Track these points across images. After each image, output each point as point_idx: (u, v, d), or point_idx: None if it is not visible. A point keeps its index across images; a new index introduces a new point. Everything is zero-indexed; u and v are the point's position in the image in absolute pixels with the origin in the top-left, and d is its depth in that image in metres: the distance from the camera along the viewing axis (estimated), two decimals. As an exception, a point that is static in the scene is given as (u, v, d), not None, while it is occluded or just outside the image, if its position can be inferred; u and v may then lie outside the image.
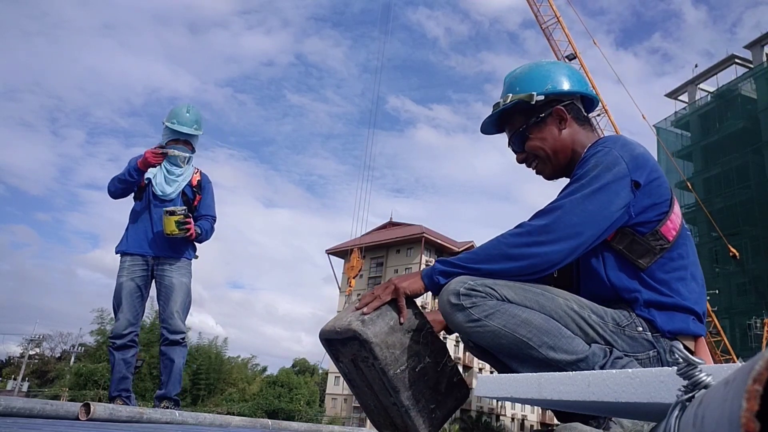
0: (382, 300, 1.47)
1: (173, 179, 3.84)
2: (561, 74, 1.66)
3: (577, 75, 1.70)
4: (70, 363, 42.45)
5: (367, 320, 1.42)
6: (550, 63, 1.71)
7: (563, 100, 1.63)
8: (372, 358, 1.41)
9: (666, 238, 1.46)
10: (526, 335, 1.32)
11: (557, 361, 1.31)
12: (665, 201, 1.48)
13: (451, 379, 1.52)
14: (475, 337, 1.37)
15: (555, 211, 1.42)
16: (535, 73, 1.66)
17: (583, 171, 1.46)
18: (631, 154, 1.47)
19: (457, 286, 1.36)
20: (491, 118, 1.71)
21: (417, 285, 1.47)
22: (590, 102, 1.71)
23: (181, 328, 3.67)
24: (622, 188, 1.42)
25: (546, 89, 1.62)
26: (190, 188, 3.91)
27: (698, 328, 1.46)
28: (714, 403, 0.39)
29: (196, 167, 4.01)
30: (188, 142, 3.87)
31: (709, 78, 36.11)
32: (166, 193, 3.79)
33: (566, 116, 1.62)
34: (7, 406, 2.04)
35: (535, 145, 1.64)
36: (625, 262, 1.46)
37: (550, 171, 1.67)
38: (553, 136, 1.62)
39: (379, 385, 1.47)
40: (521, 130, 1.66)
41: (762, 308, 26.62)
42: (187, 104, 3.98)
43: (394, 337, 1.43)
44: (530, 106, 1.62)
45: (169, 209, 3.62)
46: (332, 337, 1.50)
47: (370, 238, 58.97)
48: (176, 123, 3.82)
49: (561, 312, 1.36)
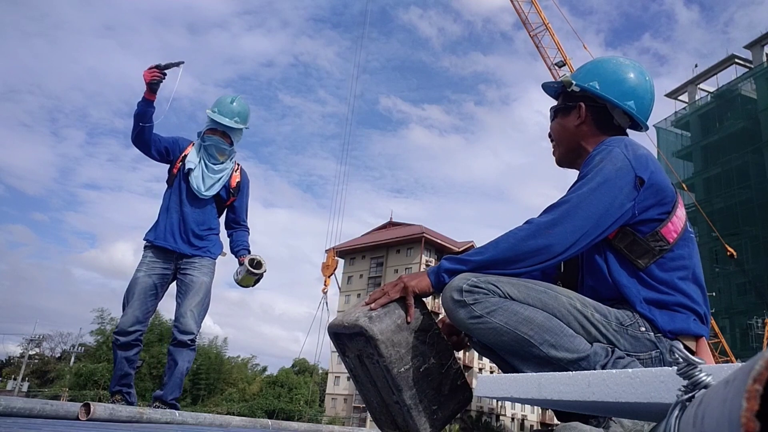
0: (390, 297, 1.47)
1: (211, 176, 3.58)
2: (615, 80, 1.65)
3: (637, 91, 1.65)
4: (70, 363, 42.49)
5: (375, 317, 1.42)
6: (621, 65, 1.69)
7: (597, 101, 1.66)
8: (377, 355, 1.41)
9: (666, 240, 1.47)
10: (528, 333, 1.33)
11: (558, 360, 1.32)
12: (669, 202, 1.49)
13: (455, 381, 1.52)
14: (476, 333, 1.37)
15: (562, 206, 1.44)
16: (594, 67, 1.71)
17: (588, 168, 1.49)
18: (635, 153, 1.49)
19: (459, 283, 1.36)
20: (550, 85, 1.82)
21: (425, 283, 1.47)
22: (635, 122, 1.69)
23: (192, 328, 3.40)
24: (626, 183, 1.44)
25: (586, 84, 1.66)
26: (226, 189, 3.67)
27: (700, 329, 1.46)
28: (714, 403, 0.38)
29: (236, 162, 3.75)
30: (227, 134, 3.61)
31: (709, 78, 36.13)
32: (201, 191, 3.54)
33: (584, 114, 1.66)
34: (7, 406, 2.04)
35: (553, 127, 1.77)
36: (625, 260, 1.48)
37: (557, 155, 1.77)
38: (567, 126, 1.70)
39: (382, 383, 1.47)
40: (554, 108, 1.76)
41: (762, 308, 26.62)
42: (235, 95, 3.70)
43: (400, 335, 1.43)
44: (567, 92, 1.70)
45: (254, 268, 3.50)
46: (340, 332, 1.50)
47: (370, 238, 58.99)
48: (217, 112, 3.58)
49: (564, 310, 1.36)
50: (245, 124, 3.67)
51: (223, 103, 3.61)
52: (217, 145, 3.57)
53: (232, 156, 3.69)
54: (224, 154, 3.62)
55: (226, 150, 3.61)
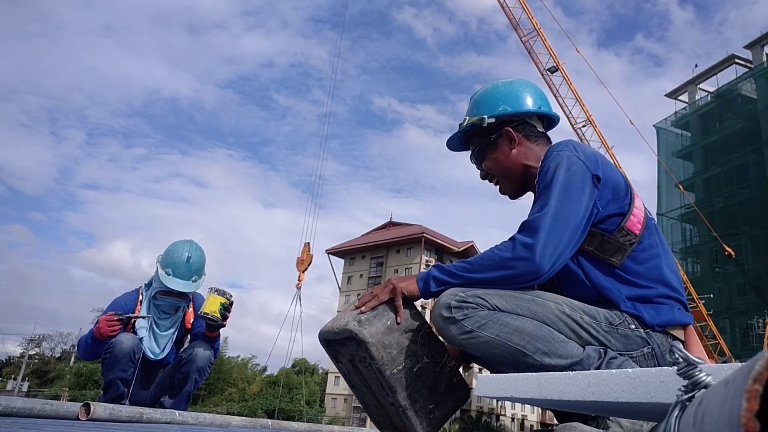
0: (380, 299, 1.47)
1: (163, 334, 3.21)
2: (515, 95, 1.70)
3: (534, 94, 1.73)
4: (70, 363, 42.45)
5: (364, 320, 1.42)
6: (506, 84, 1.75)
7: (515, 120, 1.68)
8: (369, 359, 1.41)
9: (633, 233, 1.49)
10: (520, 343, 1.33)
11: (552, 367, 1.32)
12: (625, 195, 1.51)
13: (451, 379, 1.52)
14: (469, 348, 1.38)
15: (540, 222, 1.42)
16: (489, 96, 1.73)
17: (545, 178, 1.50)
18: (584, 153, 1.52)
19: (448, 299, 1.37)
20: (456, 136, 1.79)
21: (414, 287, 1.49)
22: (550, 119, 1.75)
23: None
24: (586, 185, 1.46)
25: (497, 111, 1.68)
26: (181, 331, 3.32)
27: (685, 317, 1.47)
28: (714, 403, 0.38)
29: (189, 297, 3.31)
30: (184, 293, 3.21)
31: (709, 78, 36.12)
32: (157, 355, 3.18)
33: (515, 136, 1.67)
34: (7, 406, 2.04)
35: (488, 165, 1.74)
36: (598, 262, 1.48)
37: (509, 190, 1.75)
38: (504, 156, 1.69)
39: (377, 385, 1.47)
40: (477, 150, 1.74)
41: (762, 308, 26.61)
42: (189, 245, 3.28)
43: (390, 337, 1.43)
44: (483, 129, 1.69)
45: (217, 288, 3.04)
46: (331, 338, 1.50)
47: (370, 238, 58.96)
48: (172, 275, 3.16)
49: (553, 317, 1.37)
50: (203, 277, 3.29)
51: (178, 263, 3.18)
52: (173, 304, 3.25)
53: (183, 308, 3.33)
54: (179, 306, 3.29)
55: (182, 303, 3.28)
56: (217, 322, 3.01)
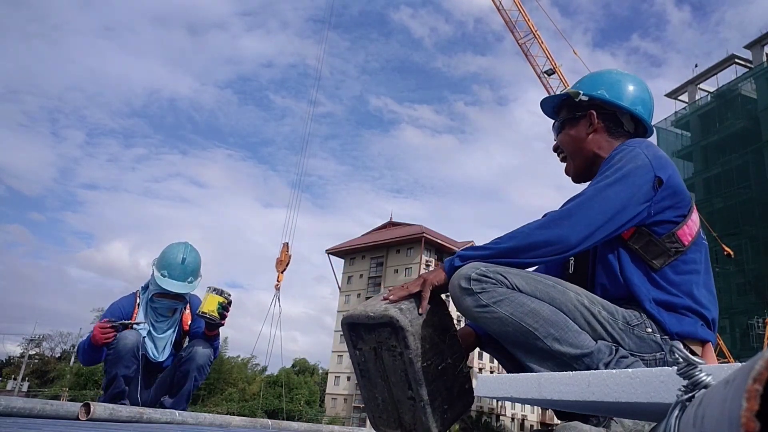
0: (409, 291, 1.46)
1: (161, 336, 3.24)
2: (617, 86, 1.69)
3: (638, 95, 1.69)
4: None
5: (405, 309, 1.42)
6: (620, 74, 1.74)
7: (606, 109, 1.67)
8: (402, 347, 1.41)
9: (681, 242, 1.47)
10: (533, 325, 1.32)
11: (562, 354, 1.32)
12: (685, 205, 1.50)
13: (463, 384, 1.53)
14: (481, 322, 1.37)
15: (577, 198, 1.45)
16: (598, 77, 1.73)
17: (608, 166, 1.50)
18: (655, 154, 1.50)
19: (468, 271, 1.36)
20: (550, 100, 1.80)
21: (441, 275, 1.47)
22: (643, 128, 1.72)
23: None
24: (644, 182, 1.44)
25: (593, 93, 1.68)
26: (179, 333, 3.34)
27: (706, 334, 1.46)
28: (714, 403, 0.38)
29: (186, 299, 3.33)
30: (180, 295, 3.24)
31: (709, 78, 36.11)
32: (157, 358, 3.22)
33: (596, 122, 1.67)
34: (7, 406, 2.04)
35: (562, 139, 1.75)
36: (639, 261, 1.48)
37: (572, 170, 1.74)
38: (579, 136, 1.70)
39: (398, 377, 1.46)
40: (560, 121, 1.75)
41: (762, 308, 26.59)
42: (184, 247, 3.30)
43: (425, 331, 1.44)
44: (574, 103, 1.70)
45: (215, 287, 3.07)
46: (360, 322, 1.47)
47: (370, 238, 58.96)
48: (167, 276, 3.19)
49: (570, 306, 1.36)
50: (199, 278, 3.31)
51: (173, 264, 3.20)
52: (169, 306, 3.27)
53: (180, 310, 3.36)
54: (176, 308, 3.32)
55: (178, 305, 3.30)
56: (215, 321, 3.04)
